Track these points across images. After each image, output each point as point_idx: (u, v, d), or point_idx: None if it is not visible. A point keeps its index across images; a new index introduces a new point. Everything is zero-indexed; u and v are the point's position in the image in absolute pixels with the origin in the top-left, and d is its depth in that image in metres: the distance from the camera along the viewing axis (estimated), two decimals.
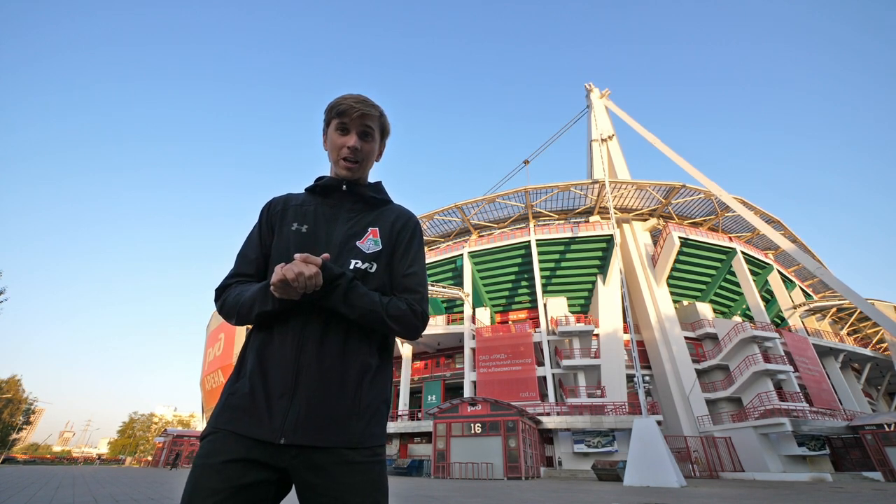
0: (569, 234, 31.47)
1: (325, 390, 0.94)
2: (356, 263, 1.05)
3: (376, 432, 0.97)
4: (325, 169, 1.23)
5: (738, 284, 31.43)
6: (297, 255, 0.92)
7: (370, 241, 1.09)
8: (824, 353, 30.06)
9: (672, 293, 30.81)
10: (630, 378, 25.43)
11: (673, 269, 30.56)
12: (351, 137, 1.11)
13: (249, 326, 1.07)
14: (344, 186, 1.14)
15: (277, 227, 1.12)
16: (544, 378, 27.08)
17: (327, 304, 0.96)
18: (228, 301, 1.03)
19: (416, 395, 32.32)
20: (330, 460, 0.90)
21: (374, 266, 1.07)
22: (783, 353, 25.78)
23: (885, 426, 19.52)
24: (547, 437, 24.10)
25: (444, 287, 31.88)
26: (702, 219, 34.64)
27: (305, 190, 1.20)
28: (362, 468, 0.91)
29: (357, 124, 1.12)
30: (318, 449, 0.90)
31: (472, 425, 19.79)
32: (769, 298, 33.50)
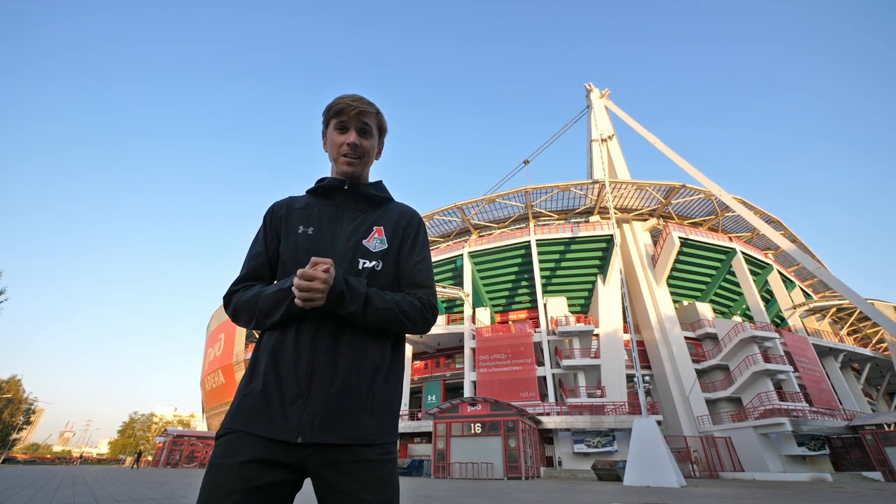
0: (569, 235, 31.47)
1: (339, 390, 0.95)
2: (364, 262, 1.07)
3: (389, 430, 0.99)
4: (325, 168, 1.24)
5: (738, 284, 31.44)
6: (312, 259, 0.95)
7: (376, 240, 1.11)
8: (824, 353, 30.06)
9: (672, 293, 30.80)
10: (630, 378, 25.43)
11: (673, 269, 30.56)
12: (350, 134, 1.12)
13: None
14: (346, 186, 1.15)
15: (283, 232, 1.13)
16: (544, 378, 27.08)
17: (341, 312, 0.97)
18: (241, 304, 1.03)
19: (416, 395, 32.36)
20: (346, 458, 0.91)
21: (381, 264, 1.09)
22: (783, 353, 25.77)
23: (885, 426, 19.53)
24: (547, 437, 24.09)
25: (444, 287, 31.88)
26: (702, 219, 34.64)
27: (307, 192, 1.20)
28: (376, 466, 0.93)
29: (355, 121, 1.13)
30: (334, 447, 0.91)
31: (472, 425, 19.78)
32: (769, 298, 33.49)
